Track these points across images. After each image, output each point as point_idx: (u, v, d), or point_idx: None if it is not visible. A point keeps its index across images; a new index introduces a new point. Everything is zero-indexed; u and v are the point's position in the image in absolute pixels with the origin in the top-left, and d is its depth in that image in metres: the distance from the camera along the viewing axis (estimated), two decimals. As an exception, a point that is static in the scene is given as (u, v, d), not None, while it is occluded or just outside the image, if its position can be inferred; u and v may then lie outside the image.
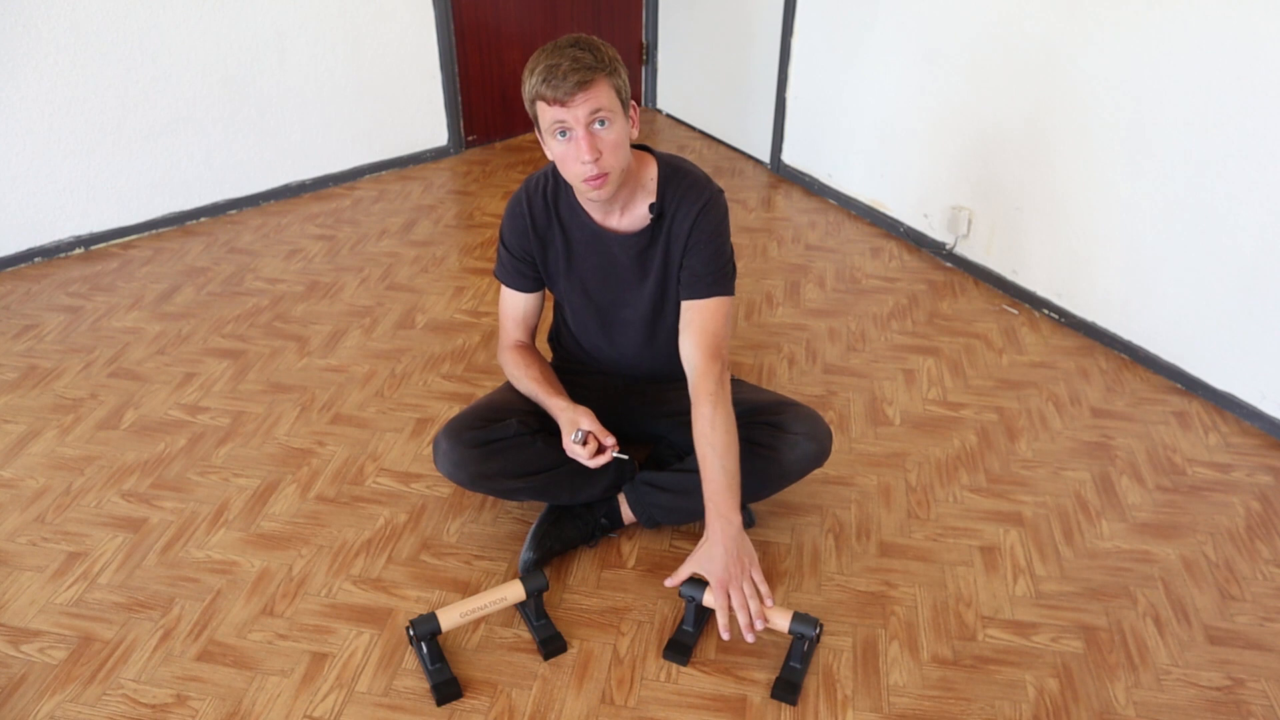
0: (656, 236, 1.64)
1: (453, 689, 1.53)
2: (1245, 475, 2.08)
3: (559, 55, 1.40)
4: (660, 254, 1.65)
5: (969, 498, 1.99)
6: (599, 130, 1.44)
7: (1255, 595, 1.77)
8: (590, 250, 1.67)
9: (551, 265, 1.71)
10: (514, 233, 1.69)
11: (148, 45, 2.79)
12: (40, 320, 2.54)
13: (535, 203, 1.66)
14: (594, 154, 1.44)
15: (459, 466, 1.65)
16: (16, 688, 1.53)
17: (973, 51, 2.63)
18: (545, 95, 1.41)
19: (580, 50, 1.40)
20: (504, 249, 1.72)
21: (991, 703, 1.55)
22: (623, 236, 1.64)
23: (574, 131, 1.43)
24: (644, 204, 1.62)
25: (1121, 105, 2.29)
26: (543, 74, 1.40)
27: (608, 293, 1.72)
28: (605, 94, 1.43)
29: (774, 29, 3.30)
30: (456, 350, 2.44)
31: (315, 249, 2.94)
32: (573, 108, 1.41)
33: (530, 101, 1.45)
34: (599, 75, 1.41)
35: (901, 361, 2.45)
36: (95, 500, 1.93)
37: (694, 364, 1.58)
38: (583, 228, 1.65)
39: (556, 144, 1.47)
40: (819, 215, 3.21)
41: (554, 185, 1.65)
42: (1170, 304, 2.34)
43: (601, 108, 1.42)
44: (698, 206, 1.59)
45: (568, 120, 1.42)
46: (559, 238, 1.67)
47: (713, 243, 1.61)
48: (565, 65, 1.38)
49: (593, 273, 1.70)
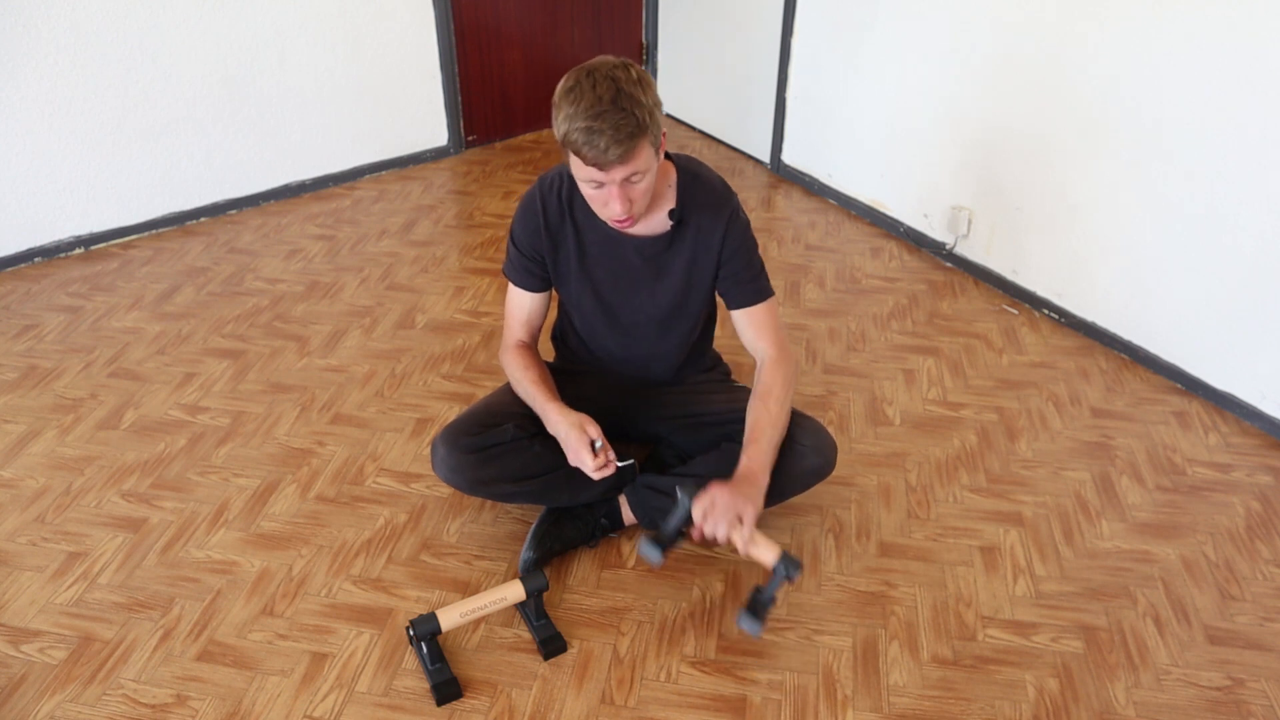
0: (676, 242, 1.65)
1: (453, 689, 1.53)
2: (1245, 475, 2.08)
3: (600, 118, 1.33)
4: (684, 260, 1.66)
5: (969, 498, 1.99)
6: (633, 184, 1.44)
7: (1255, 595, 1.77)
8: (604, 252, 1.67)
9: (563, 265, 1.70)
10: (525, 231, 1.68)
11: (148, 45, 2.79)
12: (40, 320, 2.54)
13: (550, 202, 1.65)
14: (625, 206, 1.45)
15: (456, 472, 1.65)
16: (16, 688, 1.53)
17: (973, 51, 2.64)
18: (583, 155, 1.38)
19: (622, 115, 1.34)
20: (514, 247, 1.71)
21: (991, 703, 1.55)
22: (638, 240, 1.65)
23: (608, 186, 1.43)
24: (663, 209, 1.62)
25: (1122, 105, 2.29)
26: (582, 134, 1.35)
27: (619, 295, 1.72)
28: (644, 155, 1.41)
29: (774, 29, 3.30)
30: (456, 350, 2.44)
31: (315, 249, 2.94)
32: (610, 173, 1.40)
33: (562, 140, 1.40)
34: (640, 140, 1.38)
35: (901, 361, 2.45)
36: (95, 500, 1.93)
37: (768, 358, 1.67)
38: (597, 230, 1.65)
39: (588, 188, 1.47)
40: (819, 215, 3.21)
41: (569, 186, 1.64)
42: (1170, 304, 2.34)
43: (638, 170, 1.42)
44: (724, 217, 1.63)
45: (602, 179, 1.42)
46: (572, 238, 1.67)
47: (747, 250, 1.66)
48: (608, 134, 1.34)
49: (605, 275, 1.69)
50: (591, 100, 1.34)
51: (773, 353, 1.68)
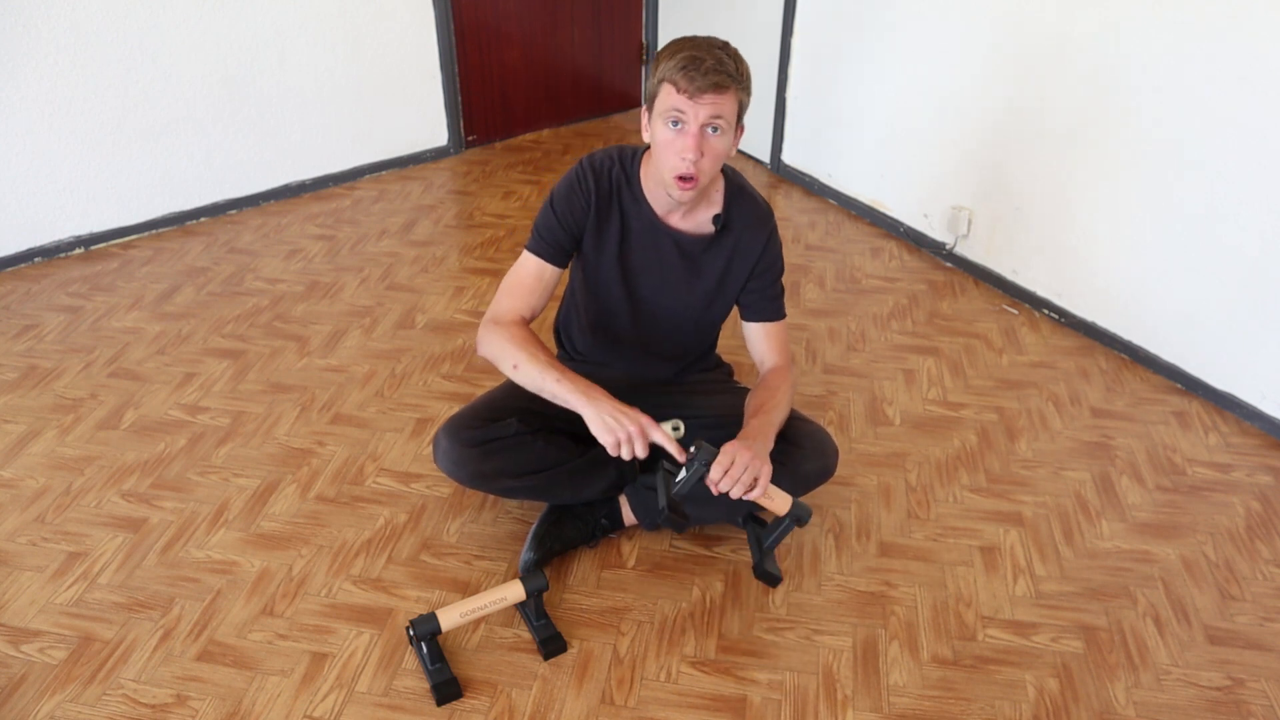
0: (716, 247, 1.68)
1: (453, 689, 1.53)
2: (1245, 475, 2.08)
3: (705, 52, 1.43)
4: (721, 264, 1.69)
5: (969, 498, 1.99)
6: (711, 135, 1.47)
7: (1255, 595, 1.77)
8: (645, 241, 1.67)
9: (602, 246, 1.67)
10: (570, 204, 1.63)
11: (148, 45, 2.79)
12: (40, 320, 2.54)
13: (601, 182, 1.63)
14: (697, 154, 1.46)
15: (458, 465, 1.65)
16: (16, 688, 1.53)
17: (973, 51, 2.64)
18: (678, 82, 1.43)
19: (726, 55, 1.44)
20: (552, 216, 1.63)
21: (991, 703, 1.55)
22: (681, 236, 1.66)
23: (688, 126, 1.45)
24: (707, 212, 1.66)
25: (1122, 105, 2.29)
26: (683, 61, 1.42)
27: (649, 284, 1.72)
28: (730, 104, 1.45)
29: (774, 29, 3.30)
30: (456, 350, 2.44)
31: (315, 249, 2.94)
32: (699, 105, 1.43)
33: (658, 81, 1.46)
34: (734, 86, 1.44)
35: (901, 361, 2.45)
36: (95, 500, 1.93)
37: (776, 365, 1.74)
38: (642, 218, 1.65)
39: (665, 130, 1.47)
40: (819, 215, 3.21)
41: (620, 170, 1.64)
42: (1170, 304, 2.34)
43: (722, 115, 1.45)
44: (765, 233, 1.70)
45: (687, 114, 1.44)
46: (617, 221, 1.66)
47: (778, 269, 1.73)
48: (709, 63, 1.41)
49: (640, 262, 1.70)
50: (703, 41, 1.46)
51: (781, 362, 1.74)
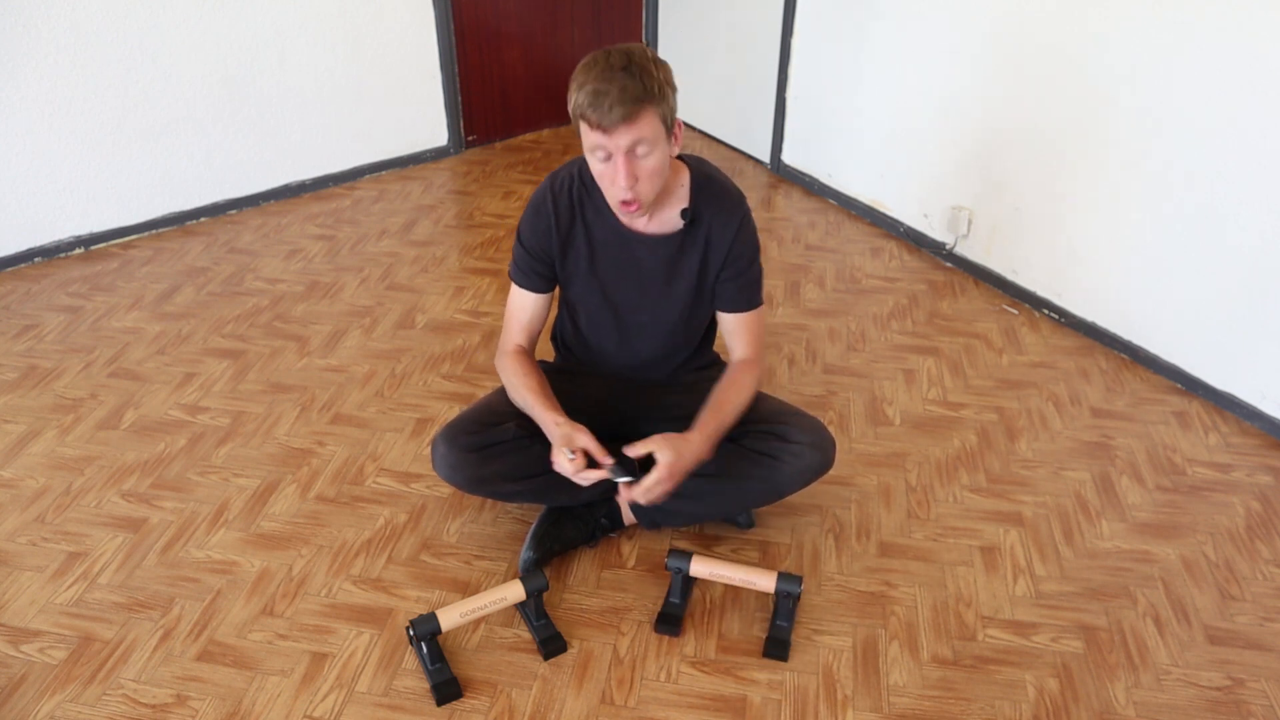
0: (688, 243, 1.65)
1: (453, 689, 1.53)
2: (1245, 475, 2.08)
3: (608, 80, 1.37)
4: (695, 262, 1.67)
5: (969, 498, 1.99)
6: (639, 157, 1.45)
7: (1255, 595, 1.77)
8: (614, 252, 1.67)
9: (571, 266, 1.69)
10: (534, 232, 1.66)
11: (148, 45, 2.79)
12: (40, 320, 2.54)
13: (560, 202, 1.64)
14: (630, 180, 1.45)
15: (457, 470, 1.65)
16: (16, 688, 1.53)
17: (973, 51, 2.64)
18: (589, 119, 1.40)
19: (630, 78, 1.38)
20: (520, 248, 1.69)
21: (991, 703, 1.55)
22: (650, 239, 1.65)
23: (614, 157, 1.44)
24: (674, 209, 1.63)
25: (1122, 105, 2.29)
26: (589, 96, 1.38)
27: (627, 295, 1.71)
28: (650, 124, 1.42)
29: (774, 29, 3.30)
30: (456, 350, 2.44)
31: (315, 249, 2.94)
32: (615, 137, 1.41)
33: (573, 116, 1.44)
34: (646, 106, 1.40)
35: (901, 361, 2.45)
36: (95, 500, 1.93)
37: (742, 359, 1.73)
38: (608, 229, 1.64)
39: (596, 164, 1.48)
40: (819, 215, 3.21)
41: (580, 185, 1.64)
42: (1170, 304, 2.34)
43: (644, 138, 1.42)
44: (736, 220, 1.64)
45: (609, 146, 1.43)
46: (582, 238, 1.66)
47: (751, 255, 1.68)
48: (614, 94, 1.37)
49: (614, 275, 1.69)
50: (604, 67, 1.39)
51: (750, 355, 1.72)
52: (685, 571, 1.65)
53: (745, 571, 1.63)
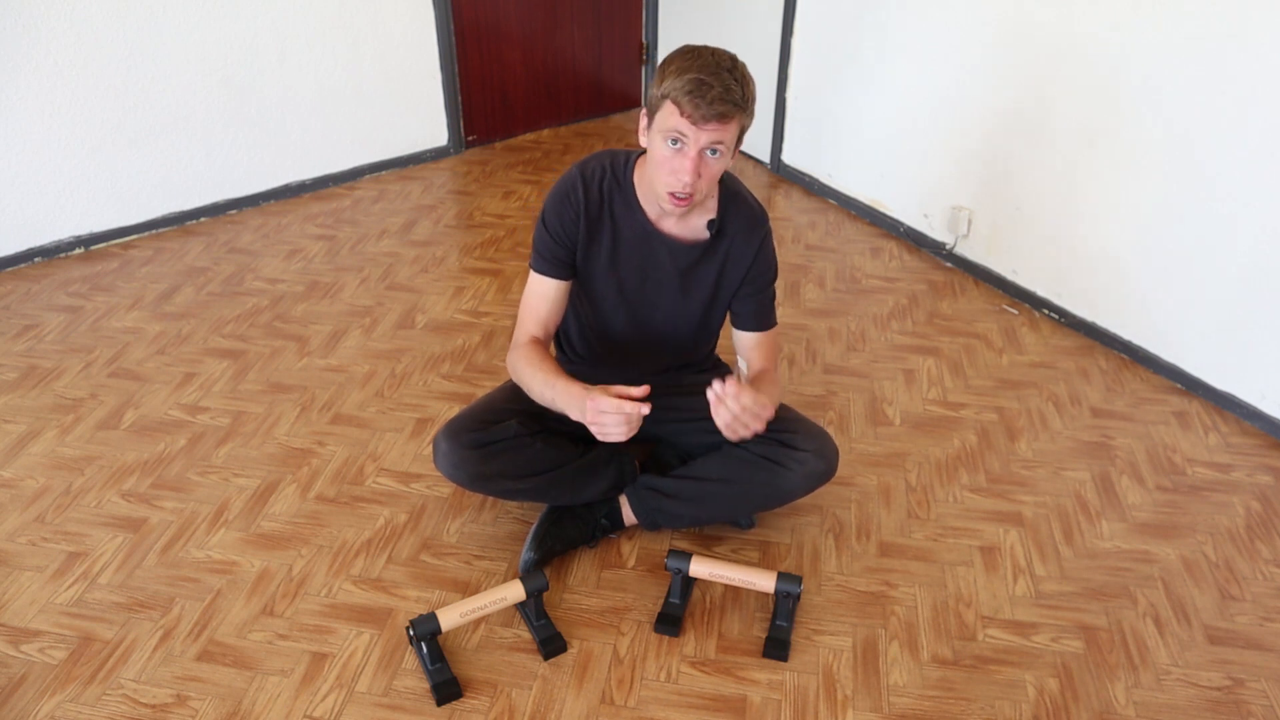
0: (711, 254, 1.67)
1: (453, 689, 1.53)
2: (1245, 475, 2.08)
3: (714, 76, 1.39)
4: (713, 273, 1.69)
5: (969, 498, 1.99)
6: (709, 157, 1.46)
7: (1255, 595, 1.77)
8: (637, 249, 1.67)
9: (593, 256, 1.67)
10: (561, 218, 1.63)
11: (148, 45, 2.79)
12: (40, 320, 2.54)
13: (591, 192, 1.63)
14: (694, 176, 1.46)
15: (458, 467, 1.65)
16: (16, 688, 1.53)
17: (973, 51, 2.64)
18: (682, 105, 1.40)
19: (734, 82, 1.41)
20: (545, 233, 1.64)
21: (991, 703, 1.55)
22: (674, 243, 1.65)
23: (687, 149, 1.44)
24: (701, 217, 1.64)
25: (1122, 105, 2.29)
26: (689, 85, 1.39)
27: (644, 295, 1.71)
28: (733, 131, 1.45)
29: (774, 29, 3.30)
30: (456, 350, 2.44)
31: (315, 249, 2.94)
32: (701, 131, 1.42)
33: (662, 96, 1.44)
34: (738, 113, 1.43)
35: (901, 361, 2.45)
36: (95, 500, 1.93)
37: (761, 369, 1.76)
38: (635, 225, 1.64)
39: (663, 147, 1.47)
40: (819, 215, 3.21)
41: (611, 178, 1.63)
42: (1170, 304, 2.34)
43: (724, 141, 1.45)
44: (758, 238, 1.68)
45: (688, 138, 1.43)
46: (608, 231, 1.65)
47: (770, 275, 1.73)
48: (717, 90, 1.39)
49: (634, 272, 1.69)
50: (711, 61, 1.41)
51: (769, 366, 1.76)
52: (685, 572, 1.65)
53: (745, 572, 1.63)
